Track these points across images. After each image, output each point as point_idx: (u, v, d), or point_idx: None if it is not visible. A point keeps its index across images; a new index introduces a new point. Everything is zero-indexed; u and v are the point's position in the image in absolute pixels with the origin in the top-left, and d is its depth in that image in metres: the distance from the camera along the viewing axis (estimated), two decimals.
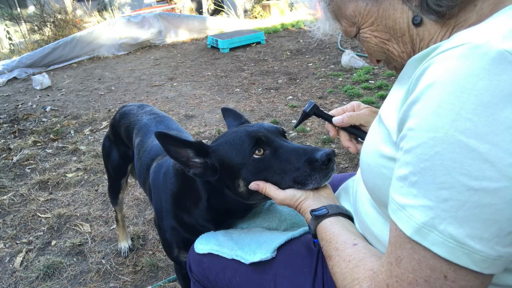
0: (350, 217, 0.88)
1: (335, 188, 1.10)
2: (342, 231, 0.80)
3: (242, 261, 1.01)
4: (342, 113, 1.07)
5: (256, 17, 9.99)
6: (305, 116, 1.12)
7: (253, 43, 7.03)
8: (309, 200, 0.92)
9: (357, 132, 1.05)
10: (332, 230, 0.81)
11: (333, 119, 1.05)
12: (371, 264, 0.69)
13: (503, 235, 0.52)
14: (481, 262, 0.53)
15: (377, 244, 0.81)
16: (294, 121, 3.65)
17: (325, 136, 3.24)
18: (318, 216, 0.85)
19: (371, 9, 0.77)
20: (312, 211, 0.87)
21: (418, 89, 0.59)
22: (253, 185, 0.97)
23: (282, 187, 0.96)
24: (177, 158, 1.04)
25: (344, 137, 1.07)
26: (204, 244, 1.12)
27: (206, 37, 7.55)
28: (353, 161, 2.86)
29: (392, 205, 0.62)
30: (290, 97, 4.32)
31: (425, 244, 0.55)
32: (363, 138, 1.04)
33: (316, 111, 1.11)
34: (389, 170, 0.69)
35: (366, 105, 1.08)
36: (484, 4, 0.66)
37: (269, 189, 0.96)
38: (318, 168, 0.92)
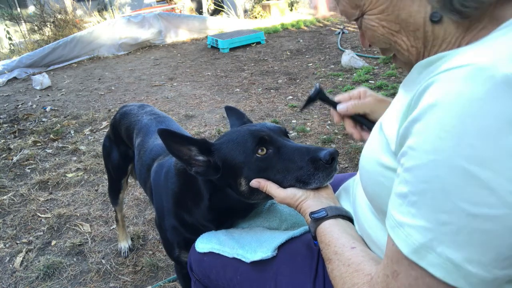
0: (349, 218, 0.88)
1: (335, 188, 1.10)
2: (341, 234, 0.80)
3: (243, 259, 1.01)
4: (348, 99, 1.05)
5: (256, 17, 9.98)
6: (310, 100, 1.11)
7: (253, 43, 7.03)
8: (310, 200, 0.92)
9: (362, 120, 1.05)
10: (330, 233, 0.81)
11: (338, 107, 1.04)
12: (369, 268, 0.70)
13: (501, 259, 0.52)
14: (478, 285, 0.53)
15: (374, 247, 0.81)
16: (294, 121, 3.65)
17: (325, 136, 3.24)
18: (317, 219, 0.85)
19: None
20: (311, 213, 0.87)
21: (420, 107, 0.58)
22: (254, 183, 0.97)
23: (284, 186, 0.96)
24: (179, 156, 1.03)
25: (348, 124, 1.06)
26: (205, 243, 1.12)
27: (206, 37, 7.54)
28: (353, 161, 2.86)
29: (390, 221, 0.62)
30: (290, 97, 4.32)
31: (422, 265, 0.56)
32: (368, 127, 1.04)
33: (322, 96, 1.09)
34: (387, 179, 0.69)
35: (372, 93, 1.06)
36: (502, 12, 0.63)
37: (270, 187, 0.96)
38: (322, 167, 0.92)
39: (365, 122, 1.04)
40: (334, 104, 1.07)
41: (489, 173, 0.50)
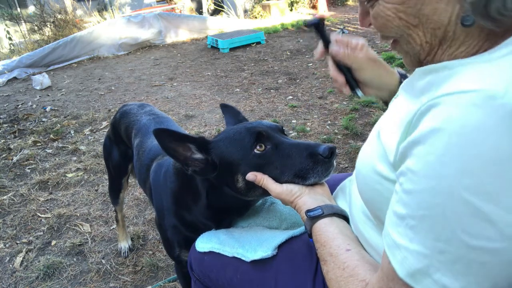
0: (345, 217, 0.88)
1: (333, 188, 1.10)
2: (336, 235, 0.80)
3: (243, 258, 1.01)
4: (344, 45, 0.98)
5: (256, 17, 9.98)
6: (305, 25, 1.03)
7: (253, 43, 7.03)
8: (305, 196, 0.91)
9: (346, 72, 1.00)
10: (326, 233, 0.81)
11: (331, 46, 0.98)
12: (364, 274, 0.69)
13: None
14: None
15: (368, 248, 0.81)
16: (294, 121, 3.65)
17: (325, 136, 3.24)
18: (313, 217, 0.85)
19: None
20: (307, 211, 0.86)
21: (422, 128, 0.56)
22: (251, 176, 0.96)
23: (281, 182, 0.96)
24: (175, 157, 1.03)
25: (333, 67, 1.01)
26: (205, 243, 1.12)
27: (206, 37, 7.55)
28: (353, 161, 2.86)
29: (387, 239, 0.62)
30: (290, 97, 4.32)
31: None
32: (350, 83, 1.00)
33: (318, 27, 0.99)
34: (383, 188, 0.69)
35: (370, 52, 0.99)
36: None
37: (266, 181, 0.95)
38: (321, 161, 0.93)
39: (348, 76, 1.00)
40: (327, 41, 0.99)
41: (491, 206, 0.49)
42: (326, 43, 0.99)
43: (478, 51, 0.63)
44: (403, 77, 1.05)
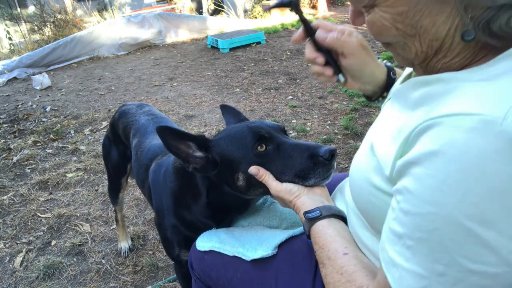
0: (343, 218, 0.89)
1: (332, 188, 1.10)
2: (334, 237, 0.80)
3: (244, 258, 1.01)
4: (329, 30, 0.90)
5: (256, 17, 9.98)
6: (280, 4, 0.92)
7: (253, 43, 7.03)
8: (304, 197, 0.92)
9: (330, 60, 0.92)
10: (324, 236, 0.81)
11: (318, 33, 0.89)
12: (361, 280, 0.70)
13: None
14: None
15: (365, 249, 0.81)
16: (294, 121, 3.65)
17: (325, 136, 3.24)
18: (311, 219, 0.85)
19: None
20: (305, 212, 0.87)
21: (419, 148, 0.55)
22: (253, 169, 0.96)
23: (281, 181, 0.96)
24: (177, 154, 1.04)
25: (310, 48, 0.93)
26: (205, 242, 1.12)
27: (206, 37, 7.55)
28: None
29: (384, 254, 0.62)
30: (290, 97, 4.31)
31: None
32: (335, 69, 0.93)
33: (295, 6, 0.89)
34: (379, 200, 0.68)
35: (359, 37, 0.91)
36: None
37: (268, 177, 0.96)
38: (321, 163, 0.93)
39: (330, 59, 0.92)
40: (307, 25, 0.90)
41: (492, 233, 0.49)
42: (306, 26, 0.91)
43: (472, 62, 0.62)
44: (390, 70, 1.00)
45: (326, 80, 0.97)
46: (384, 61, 1.02)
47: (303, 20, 0.91)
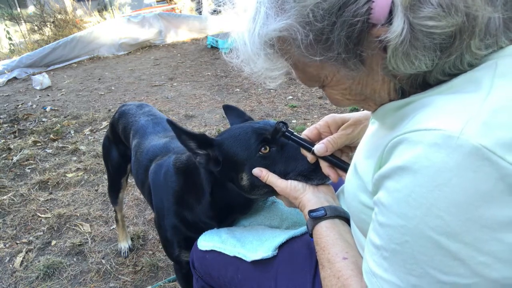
0: (347, 219, 0.89)
1: (336, 187, 1.10)
2: (336, 240, 0.81)
3: (244, 258, 1.01)
4: (317, 135, 0.95)
5: None
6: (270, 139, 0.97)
7: None
8: (309, 194, 0.92)
9: (337, 162, 0.92)
10: (326, 237, 0.82)
11: (315, 148, 0.91)
12: (355, 285, 0.71)
13: None
14: None
15: (363, 253, 0.81)
16: (294, 121, 3.65)
17: None
18: (315, 218, 0.85)
19: (342, 77, 0.66)
20: (310, 211, 0.87)
21: (390, 164, 0.57)
22: (256, 171, 0.98)
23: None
24: (187, 145, 1.06)
25: (324, 164, 0.93)
26: (207, 241, 1.13)
27: (206, 37, 7.54)
28: None
29: (365, 265, 0.64)
30: (290, 97, 4.32)
31: None
32: (343, 168, 0.91)
33: (285, 134, 0.95)
34: (368, 217, 0.69)
35: (342, 118, 0.94)
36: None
37: (271, 176, 0.96)
38: None
39: (340, 165, 0.91)
40: (305, 145, 0.93)
41: (459, 245, 0.50)
42: (306, 147, 0.93)
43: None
44: None
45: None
46: None
47: (302, 146, 0.95)
